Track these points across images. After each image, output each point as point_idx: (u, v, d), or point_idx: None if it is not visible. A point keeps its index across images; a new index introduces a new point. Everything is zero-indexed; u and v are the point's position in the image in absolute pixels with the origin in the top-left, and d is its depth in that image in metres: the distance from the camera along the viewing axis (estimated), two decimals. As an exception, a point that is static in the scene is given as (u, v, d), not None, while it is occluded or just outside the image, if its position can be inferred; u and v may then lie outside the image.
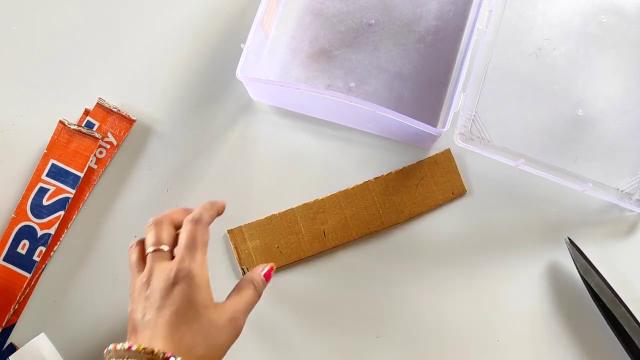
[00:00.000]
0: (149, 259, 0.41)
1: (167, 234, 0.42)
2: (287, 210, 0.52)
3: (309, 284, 0.53)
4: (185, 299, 0.38)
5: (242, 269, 0.51)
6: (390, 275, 0.53)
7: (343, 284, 0.53)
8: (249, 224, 0.52)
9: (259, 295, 0.42)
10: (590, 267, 0.49)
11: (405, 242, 0.53)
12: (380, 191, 0.52)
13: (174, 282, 0.39)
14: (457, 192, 0.52)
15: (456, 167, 0.53)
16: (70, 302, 0.53)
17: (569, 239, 0.51)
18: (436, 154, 0.53)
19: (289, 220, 0.51)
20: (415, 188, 0.52)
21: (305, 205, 0.52)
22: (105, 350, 0.38)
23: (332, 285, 0.53)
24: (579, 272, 0.50)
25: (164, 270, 0.39)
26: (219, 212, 0.45)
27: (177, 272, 0.39)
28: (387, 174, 0.52)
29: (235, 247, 0.52)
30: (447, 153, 0.53)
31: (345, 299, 0.53)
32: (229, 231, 0.52)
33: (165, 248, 0.41)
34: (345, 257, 0.53)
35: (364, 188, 0.52)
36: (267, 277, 0.44)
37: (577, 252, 0.50)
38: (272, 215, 0.52)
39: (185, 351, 0.37)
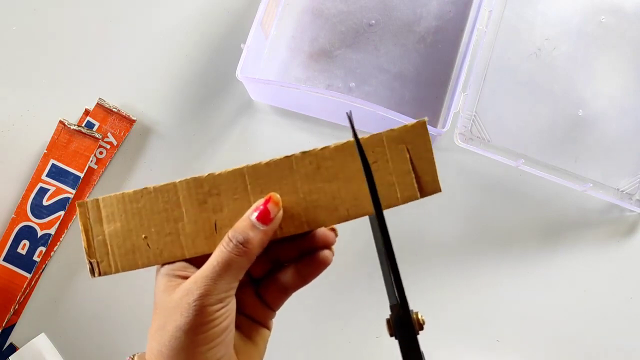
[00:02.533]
0: None
1: None
2: (166, 184, 0.34)
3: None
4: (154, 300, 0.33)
5: (90, 262, 0.34)
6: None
7: (343, 283, 0.53)
8: (110, 196, 0.34)
9: (237, 249, 0.30)
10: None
11: (403, 241, 0.53)
12: (308, 174, 0.34)
13: None
14: (427, 189, 0.33)
15: (431, 149, 0.34)
16: (70, 302, 0.53)
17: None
18: (404, 126, 0.33)
19: (166, 200, 0.34)
20: (362, 176, 0.33)
21: (194, 180, 0.34)
22: None
23: (332, 284, 0.53)
24: None
25: None
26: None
27: None
28: (321, 149, 0.34)
29: (85, 229, 0.35)
30: (420, 127, 0.33)
31: (345, 299, 0.53)
32: (79, 204, 0.34)
33: None
34: (345, 255, 0.53)
35: (284, 166, 0.34)
36: (264, 216, 0.31)
37: None
38: (145, 188, 0.34)
39: (147, 350, 0.32)
